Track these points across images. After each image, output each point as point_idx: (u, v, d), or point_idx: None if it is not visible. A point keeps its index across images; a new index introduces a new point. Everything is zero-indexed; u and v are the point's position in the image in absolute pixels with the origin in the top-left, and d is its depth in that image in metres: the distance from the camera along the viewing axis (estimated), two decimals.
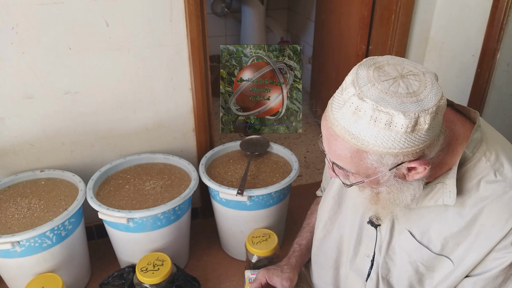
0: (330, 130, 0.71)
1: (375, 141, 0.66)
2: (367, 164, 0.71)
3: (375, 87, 0.66)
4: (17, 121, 1.54)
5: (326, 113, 0.73)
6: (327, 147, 0.75)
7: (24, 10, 1.37)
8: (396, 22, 1.82)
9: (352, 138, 0.67)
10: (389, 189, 0.77)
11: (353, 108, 0.66)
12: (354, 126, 0.67)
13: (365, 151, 0.68)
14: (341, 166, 0.75)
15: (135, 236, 1.50)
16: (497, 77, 1.99)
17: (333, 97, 0.73)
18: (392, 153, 0.68)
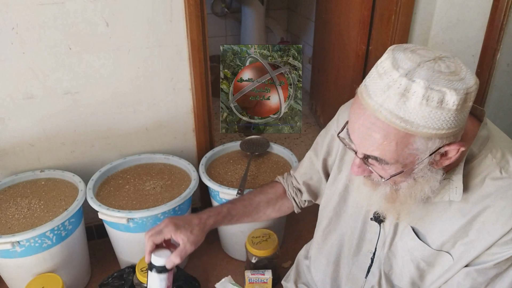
0: (371, 119, 0.68)
1: (425, 122, 0.65)
2: (410, 151, 0.69)
3: (422, 68, 0.66)
4: (17, 121, 1.54)
5: (362, 102, 0.70)
6: (361, 139, 0.72)
7: (24, 10, 1.37)
8: (396, 22, 1.82)
9: (401, 122, 0.66)
10: (413, 182, 0.76)
11: (401, 90, 0.65)
12: (403, 108, 0.65)
13: (413, 135, 0.67)
14: (380, 157, 0.71)
15: (135, 236, 1.50)
16: (497, 77, 1.99)
17: (365, 85, 0.71)
18: (439, 134, 0.67)
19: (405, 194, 0.78)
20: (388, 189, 0.79)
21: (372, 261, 0.93)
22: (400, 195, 0.78)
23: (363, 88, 0.71)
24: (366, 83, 0.71)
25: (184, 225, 0.99)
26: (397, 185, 0.78)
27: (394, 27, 1.84)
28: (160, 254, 0.96)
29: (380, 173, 0.76)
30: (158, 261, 0.96)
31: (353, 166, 0.78)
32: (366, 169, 0.78)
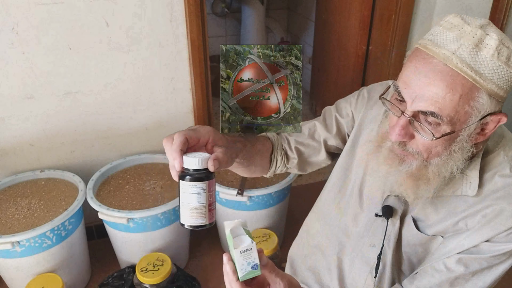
0: (439, 67, 0.67)
1: (493, 76, 0.67)
2: (469, 108, 0.69)
3: (491, 26, 0.68)
4: (17, 121, 1.54)
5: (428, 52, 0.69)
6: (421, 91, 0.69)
7: (24, 10, 1.37)
8: (396, 22, 1.82)
9: (471, 71, 0.66)
10: (447, 157, 0.74)
11: (476, 40, 0.66)
12: (475, 58, 0.66)
13: (478, 89, 0.67)
14: (438, 113, 0.68)
15: (135, 236, 1.50)
16: None
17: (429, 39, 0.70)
18: (499, 94, 0.68)
19: (433, 171, 0.75)
20: (415, 165, 0.75)
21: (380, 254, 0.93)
22: (429, 172, 0.76)
23: (426, 42, 0.71)
24: (429, 38, 0.71)
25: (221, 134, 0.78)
26: (427, 161, 0.75)
27: (394, 27, 1.84)
28: (194, 155, 0.68)
29: (431, 131, 0.71)
30: (196, 163, 0.67)
31: (395, 128, 0.73)
32: (408, 133, 0.73)
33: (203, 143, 0.72)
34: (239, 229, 0.72)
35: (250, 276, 0.69)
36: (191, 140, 0.70)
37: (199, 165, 0.67)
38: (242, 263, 0.68)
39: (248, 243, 0.68)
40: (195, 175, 0.66)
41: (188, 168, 0.67)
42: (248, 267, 0.69)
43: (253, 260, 0.69)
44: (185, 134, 0.68)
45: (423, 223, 0.85)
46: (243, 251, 0.68)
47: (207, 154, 0.69)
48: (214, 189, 0.69)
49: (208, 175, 0.67)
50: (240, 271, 0.68)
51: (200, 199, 0.67)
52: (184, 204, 0.68)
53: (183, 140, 0.68)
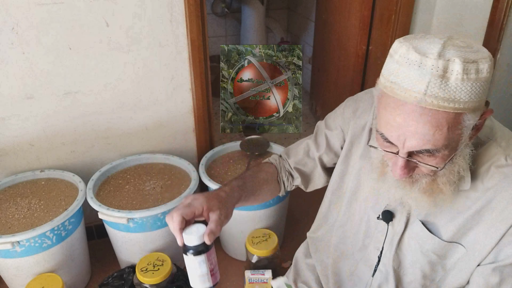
0: (417, 111, 0.67)
1: (470, 96, 0.66)
2: (459, 130, 0.69)
3: (447, 48, 0.67)
4: (17, 121, 1.54)
5: (398, 97, 0.68)
6: (409, 137, 0.69)
7: (24, 10, 1.37)
8: (396, 22, 1.82)
9: (449, 103, 0.66)
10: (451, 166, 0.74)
11: (441, 72, 0.65)
12: (446, 90, 0.65)
13: (462, 113, 0.67)
14: (432, 149, 0.69)
15: (135, 236, 1.50)
16: (497, 77, 1.99)
17: (391, 82, 0.69)
18: (480, 106, 0.68)
19: (443, 182, 0.76)
20: (425, 181, 0.76)
21: (379, 259, 0.93)
22: (439, 184, 0.76)
23: (391, 85, 0.69)
24: (392, 80, 0.69)
25: (214, 197, 0.85)
26: (435, 174, 0.76)
27: (394, 27, 1.84)
28: (192, 232, 0.78)
29: (430, 163, 0.72)
30: (194, 239, 0.78)
31: (397, 169, 0.74)
32: (411, 168, 0.74)
33: (199, 214, 0.82)
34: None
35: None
36: (188, 216, 0.80)
37: (197, 241, 0.78)
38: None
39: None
40: (196, 250, 0.79)
41: (189, 244, 0.78)
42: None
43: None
44: (181, 214, 0.79)
45: (433, 225, 0.84)
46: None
47: (203, 228, 0.79)
48: (213, 256, 0.82)
49: (207, 247, 0.80)
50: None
51: (202, 269, 0.80)
52: (190, 272, 0.81)
53: (181, 220, 0.78)
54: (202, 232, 0.78)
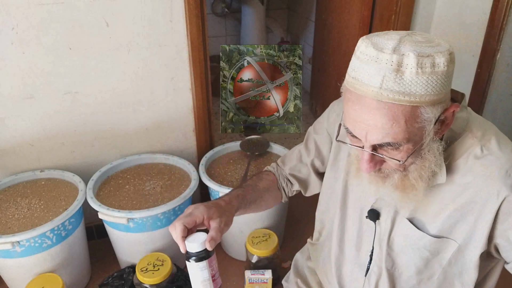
0: (374, 104, 0.68)
1: (426, 89, 0.67)
2: (419, 124, 0.70)
3: (404, 43, 0.68)
4: (17, 121, 1.54)
5: (357, 92, 0.70)
6: (369, 130, 0.71)
7: (24, 10, 1.37)
8: (396, 22, 1.82)
9: (404, 97, 0.67)
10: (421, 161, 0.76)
11: (395, 66, 0.66)
12: (402, 83, 0.67)
13: (418, 107, 0.68)
14: (393, 141, 0.71)
15: (135, 236, 1.50)
16: (497, 77, 1.99)
17: (352, 77, 0.71)
18: (439, 99, 0.69)
19: (415, 177, 0.77)
20: (397, 177, 0.78)
21: (371, 259, 0.94)
22: (411, 179, 0.78)
23: (352, 81, 0.71)
24: (353, 76, 0.71)
25: (214, 206, 0.89)
26: (405, 170, 0.77)
27: (394, 27, 1.84)
28: (194, 239, 0.82)
29: (397, 158, 0.74)
30: (196, 246, 0.81)
31: (363, 163, 0.76)
32: (377, 162, 0.77)
33: (200, 222, 0.85)
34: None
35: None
36: (189, 225, 0.83)
37: (199, 248, 0.82)
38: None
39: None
40: (198, 256, 0.82)
41: (191, 251, 0.82)
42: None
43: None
44: (183, 223, 0.82)
45: (420, 222, 0.85)
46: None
47: (204, 236, 0.83)
48: (215, 263, 0.86)
49: (208, 253, 0.83)
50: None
51: (204, 274, 0.83)
52: (192, 278, 0.84)
53: (182, 229, 0.82)
54: (204, 239, 0.82)
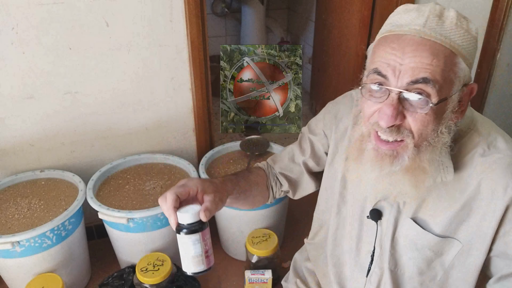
0: (416, 40, 0.68)
1: (462, 42, 0.70)
2: (454, 74, 0.70)
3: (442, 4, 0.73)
4: (17, 121, 1.54)
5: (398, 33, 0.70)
6: (407, 64, 0.68)
7: (24, 10, 1.37)
8: None
9: (445, 39, 0.69)
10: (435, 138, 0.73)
11: (438, 12, 0.70)
12: (443, 28, 0.69)
13: (456, 55, 0.70)
14: (429, 77, 0.68)
15: (135, 236, 1.50)
16: (497, 77, 1.99)
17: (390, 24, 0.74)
18: (469, 61, 0.72)
19: (427, 158, 0.74)
20: (407, 157, 0.73)
21: (372, 259, 0.93)
22: (422, 161, 0.74)
23: (390, 27, 0.74)
24: (390, 25, 0.74)
25: (208, 181, 0.85)
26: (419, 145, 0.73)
27: None
28: (187, 210, 0.76)
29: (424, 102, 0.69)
30: (188, 217, 0.75)
31: (386, 110, 0.70)
32: (399, 114, 0.70)
33: (193, 194, 0.80)
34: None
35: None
36: (182, 196, 0.78)
37: (192, 219, 0.75)
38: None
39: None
40: (190, 228, 0.75)
41: (183, 222, 0.75)
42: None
43: None
44: (175, 192, 0.77)
45: (424, 222, 0.84)
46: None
47: (198, 207, 0.77)
48: (208, 238, 0.78)
49: (201, 226, 0.76)
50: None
51: (196, 249, 0.76)
52: (183, 254, 0.77)
53: (174, 198, 0.76)
54: (197, 209, 0.76)
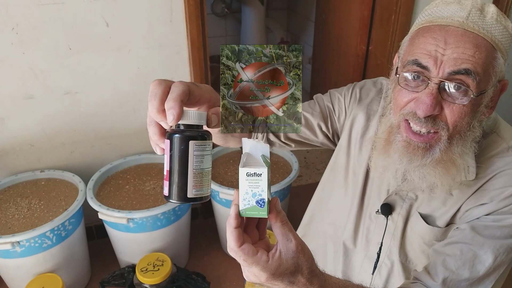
0: (459, 31, 0.68)
1: (501, 37, 0.70)
2: (493, 68, 0.70)
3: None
4: (17, 121, 1.54)
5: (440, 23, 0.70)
6: (450, 53, 0.67)
7: (24, 10, 1.37)
8: (396, 22, 1.82)
9: (487, 33, 0.69)
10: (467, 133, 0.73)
11: (480, 7, 0.70)
12: (484, 22, 0.69)
13: (496, 50, 0.70)
14: (471, 69, 0.67)
15: (135, 236, 1.50)
16: None
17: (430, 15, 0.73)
18: (505, 58, 0.71)
19: (458, 151, 0.74)
20: (438, 150, 0.72)
21: (380, 251, 0.93)
22: (454, 153, 0.73)
23: (431, 18, 0.73)
24: (431, 16, 0.73)
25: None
26: (452, 137, 0.72)
27: (394, 27, 1.83)
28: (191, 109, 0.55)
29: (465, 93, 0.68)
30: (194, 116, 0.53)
31: (425, 99, 0.68)
32: (438, 104, 0.69)
33: (202, 103, 0.58)
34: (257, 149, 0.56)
35: (253, 214, 0.53)
36: (192, 96, 0.55)
37: (198, 119, 0.53)
38: (246, 190, 0.52)
39: (260, 166, 0.52)
40: (198, 133, 0.52)
41: (186, 122, 0.53)
42: (253, 199, 0.53)
43: (260, 192, 0.52)
44: (188, 86, 0.55)
45: (431, 217, 0.85)
46: (250, 174, 0.52)
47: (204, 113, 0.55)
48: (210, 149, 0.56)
49: (204, 134, 0.53)
50: (242, 201, 0.52)
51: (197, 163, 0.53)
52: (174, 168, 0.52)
53: (186, 91, 0.53)
54: (204, 113, 0.55)
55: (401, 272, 0.92)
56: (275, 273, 0.54)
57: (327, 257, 1.05)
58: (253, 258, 0.53)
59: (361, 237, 0.98)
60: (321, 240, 1.07)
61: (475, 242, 0.75)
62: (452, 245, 0.77)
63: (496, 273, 0.77)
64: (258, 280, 0.56)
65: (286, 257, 0.55)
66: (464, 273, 0.74)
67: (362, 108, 0.95)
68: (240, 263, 0.54)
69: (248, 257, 0.53)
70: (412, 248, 0.90)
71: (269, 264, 0.54)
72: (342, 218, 1.01)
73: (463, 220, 0.80)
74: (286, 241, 0.55)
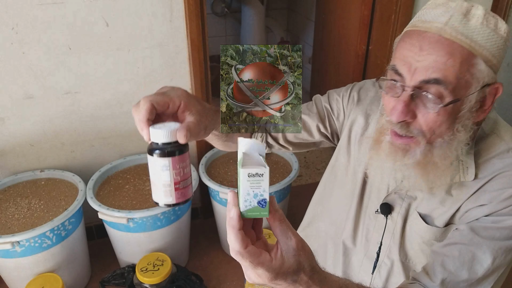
0: (434, 38, 0.68)
1: (486, 42, 0.69)
2: (470, 75, 0.69)
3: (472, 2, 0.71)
4: (17, 121, 1.54)
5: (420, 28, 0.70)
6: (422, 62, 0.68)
7: (24, 10, 1.37)
8: (396, 22, 1.82)
9: (466, 39, 0.68)
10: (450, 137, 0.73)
11: (464, 10, 0.68)
12: (466, 27, 0.68)
13: (475, 56, 0.68)
14: (441, 78, 0.67)
15: (135, 236, 1.50)
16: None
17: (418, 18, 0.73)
18: (491, 64, 0.70)
19: (439, 154, 0.74)
20: (419, 151, 0.74)
21: (379, 251, 0.93)
22: (434, 156, 0.74)
23: (416, 22, 0.73)
24: (417, 19, 0.73)
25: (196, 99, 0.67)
26: (432, 142, 0.73)
27: (394, 27, 1.84)
28: (161, 126, 0.58)
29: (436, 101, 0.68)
30: (162, 135, 0.57)
31: (397, 106, 0.70)
32: (411, 111, 0.71)
33: (173, 109, 0.62)
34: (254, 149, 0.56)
35: (255, 215, 0.53)
36: (159, 106, 0.60)
37: (165, 138, 0.57)
38: (248, 191, 0.52)
39: (261, 166, 0.52)
40: (161, 150, 0.57)
41: (155, 141, 0.57)
42: (254, 200, 0.53)
43: (262, 193, 0.52)
44: (151, 100, 0.59)
45: (430, 217, 0.85)
46: (252, 174, 0.52)
47: (177, 126, 0.58)
48: (184, 166, 0.59)
49: (176, 149, 0.57)
50: (243, 202, 0.52)
51: (165, 177, 0.58)
52: (152, 180, 0.59)
53: (150, 108, 0.58)
54: (175, 127, 0.58)
55: (401, 271, 0.92)
56: (279, 272, 0.54)
57: (327, 257, 1.05)
58: (259, 259, 0.53)
59: (361, 237, 0.98)
60: (322, 240, 1.07)
61: (474, 243, 0.75)
62: (451, 246, 0.78)
63: (495, 275, 0.77)
64: (262, 281, 0.56)
65: (287, 255, 0.55)
66: (462, 274, 0.75)
67: (362, 109, 0.96)
68: (245, 265, 0.54)
69: (255, 258, 0.53)
70: (412, 247, 0.90)
71: (273, 264, 0.54)
72: (342, 217, 1.01)
73: (463, 221, 0.80)
74: (286, 239, 0.56)
